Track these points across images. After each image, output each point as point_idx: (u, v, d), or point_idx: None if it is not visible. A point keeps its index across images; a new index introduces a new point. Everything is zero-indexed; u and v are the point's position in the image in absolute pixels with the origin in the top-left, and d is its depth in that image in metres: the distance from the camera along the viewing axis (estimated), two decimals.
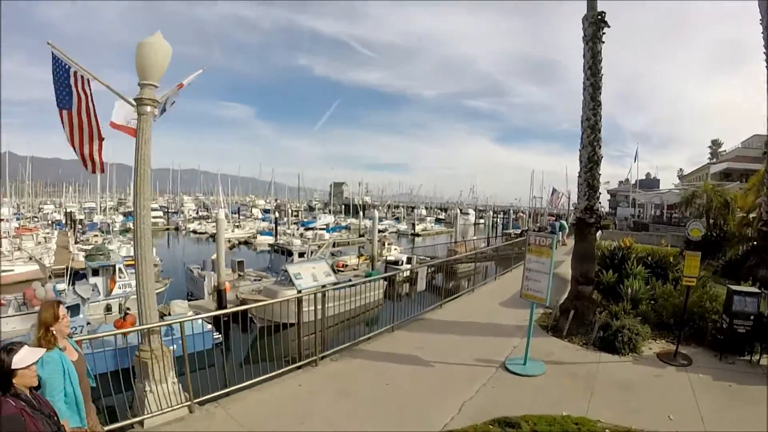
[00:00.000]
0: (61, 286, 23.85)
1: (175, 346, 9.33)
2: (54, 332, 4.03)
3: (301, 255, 30.99)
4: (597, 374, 8.47)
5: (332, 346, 9.65)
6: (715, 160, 75.10)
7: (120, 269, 25.90)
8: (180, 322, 7.48)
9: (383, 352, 9.47)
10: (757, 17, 16.43)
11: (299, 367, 8.59)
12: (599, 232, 13.77)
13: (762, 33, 16.87)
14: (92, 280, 25.29)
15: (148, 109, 6.90)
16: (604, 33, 11.21)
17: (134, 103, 6.89)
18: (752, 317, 9.29)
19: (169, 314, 21.14)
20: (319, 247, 35.25)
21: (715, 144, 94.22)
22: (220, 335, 18.26)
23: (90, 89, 7.00)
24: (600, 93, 11.12)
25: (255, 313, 15.40)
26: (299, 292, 8.94)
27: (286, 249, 34.32)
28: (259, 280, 30.50)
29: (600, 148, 11.09)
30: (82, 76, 6.89)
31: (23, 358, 3.27)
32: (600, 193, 11.35)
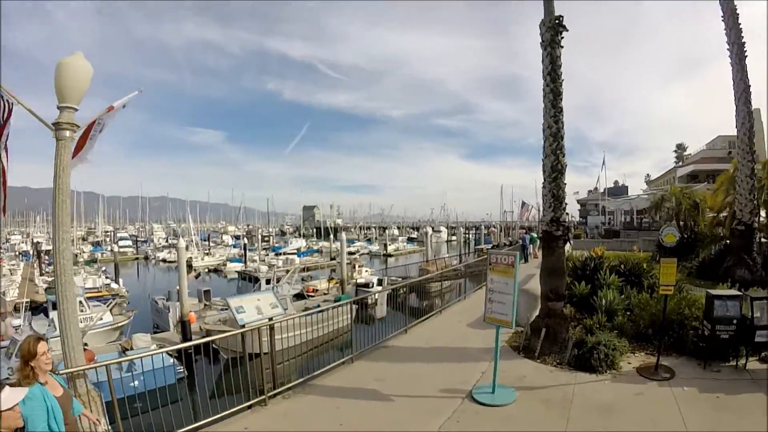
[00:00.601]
0: (17, 322, 23.43)
1: (136, 382, 8.50)
2: (33, 367, 3.94)
3: (267, 282, 30.32)
4: (573, 398, 7.73)
5: (291, 379, 8.93)
6: (681, 163, 76.06)
7: (81, 302, 24.78)
8: (124, 361, 6.74)
9: (340, 387, 8.66)
10: (709, 22, 16.38)
11: (250, 407, 7.83)
12: (568, 244, 13.19)
13: (724, 30, 16.73)
14: (51, 314, 24.14)
15: (67, 133, 6.34)
16: (562, 38, 10.73)
17: (52, 127, 6.30)
18: (735, 321, 8.81)
19: (131, 348, 20.54)
20: (287, 272, 34.43)
21: (680, 148, 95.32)
22: (183, 369, 17.42)
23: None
24: (561, 99, 10.59)
25: (219, 344, 14.62)
26: (242, 326, 8.24)
27: (253, 276, 33.56)
28: (226, 309, 29.51)
29: (564, 156, 10.51)
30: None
31: (5, 399, 3.29)
32: (566, 204, 10.72)
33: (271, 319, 8.67)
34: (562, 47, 10.72)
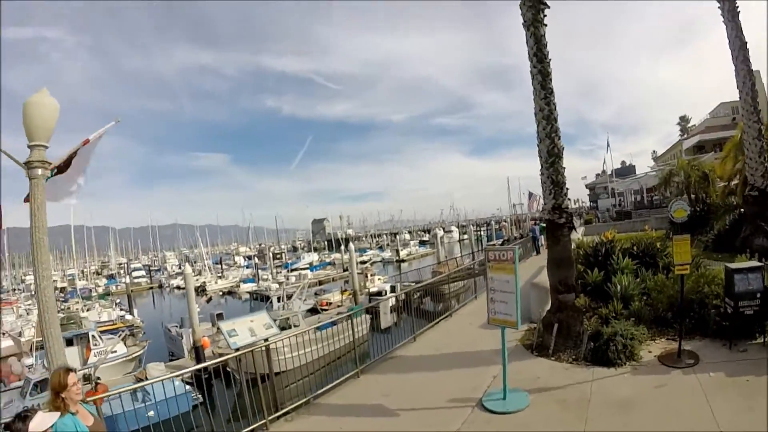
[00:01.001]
0: (29, 361, 23.53)
1: (151, 413, 8.33)
2: (65, 398, 4.03)
3: (279, 300, 30.18)
4: (591, 396, 7.21)
5: (295, 400, 8.50)
6: (685, 135, 75.03)
7: (94, 336, 25.34)
8: (134, 389, 6.48)
9: (344, 405, 8.21)
10: None
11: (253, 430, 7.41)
12: (578, 231, 12.65)
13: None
14: (67, 350, 24.01)
15: (39, 172, 6.12)
16: (545, 15, 10.31)
17: (24, 166, 6.09)
18: (758, 295, 8.20)
19: (146, 378, 20.12)
20: (299, 288, 34.23)
21: (684, 120, 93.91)
22: (198, 395, 17.19)
23: None
24: (550, 80, 10.14)
25: (233, 366, 14.33)
26: (236, 350, 8.03)
27: (265, 295, 33.45)
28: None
29: (559, 139, 10.02)
30: None
31: (38, 423, 3.54)
32: (567, 189, 10.19)
33: (266, 340, 8.36)
34: (546, 25, 10.34)
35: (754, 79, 16.37)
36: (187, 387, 17.15)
